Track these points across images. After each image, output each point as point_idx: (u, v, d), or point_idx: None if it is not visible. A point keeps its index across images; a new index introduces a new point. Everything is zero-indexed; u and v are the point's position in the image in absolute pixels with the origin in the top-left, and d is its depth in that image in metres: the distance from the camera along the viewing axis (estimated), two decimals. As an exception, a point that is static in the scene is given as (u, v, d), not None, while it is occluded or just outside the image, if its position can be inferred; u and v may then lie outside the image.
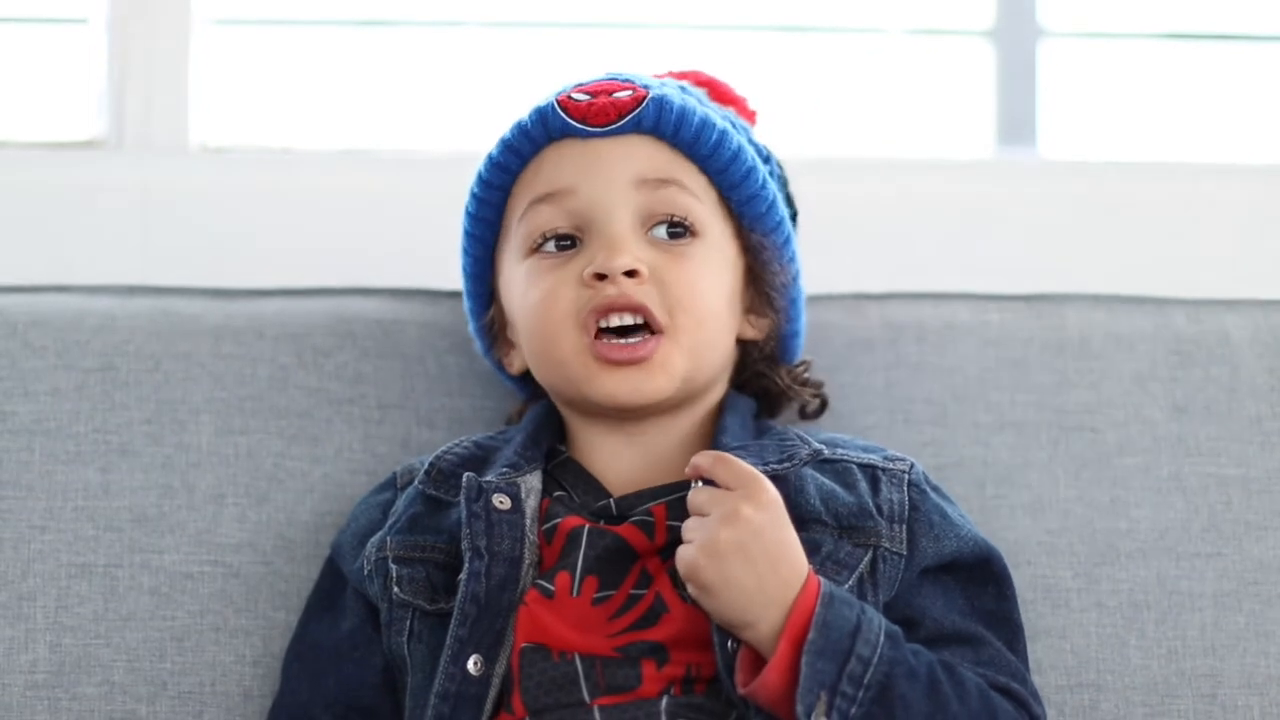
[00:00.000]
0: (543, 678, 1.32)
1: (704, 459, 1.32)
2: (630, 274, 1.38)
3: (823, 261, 1.53)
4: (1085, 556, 1.57)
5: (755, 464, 1.35)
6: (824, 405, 1.55)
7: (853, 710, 1.24)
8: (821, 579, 1.29)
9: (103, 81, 1.95)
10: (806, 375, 1.54)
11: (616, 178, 1.40)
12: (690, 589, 1.29)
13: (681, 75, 1.51)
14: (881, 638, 1.27)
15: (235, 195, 1.89)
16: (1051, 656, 1.52)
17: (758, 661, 1.28)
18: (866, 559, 1.36)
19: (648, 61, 1.52)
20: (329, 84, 2.06)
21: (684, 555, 1.28)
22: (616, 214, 1.40)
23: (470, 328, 1.53)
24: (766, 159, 1.49)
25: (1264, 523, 1.58)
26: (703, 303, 1.41)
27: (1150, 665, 1.53)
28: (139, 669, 1.51)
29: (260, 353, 1.61)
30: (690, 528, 1.30)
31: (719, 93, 1.51)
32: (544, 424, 1.47)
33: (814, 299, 1.54)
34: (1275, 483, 1.60)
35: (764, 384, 1.51)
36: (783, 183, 1.50)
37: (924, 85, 2.10)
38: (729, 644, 1.29)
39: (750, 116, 1.52)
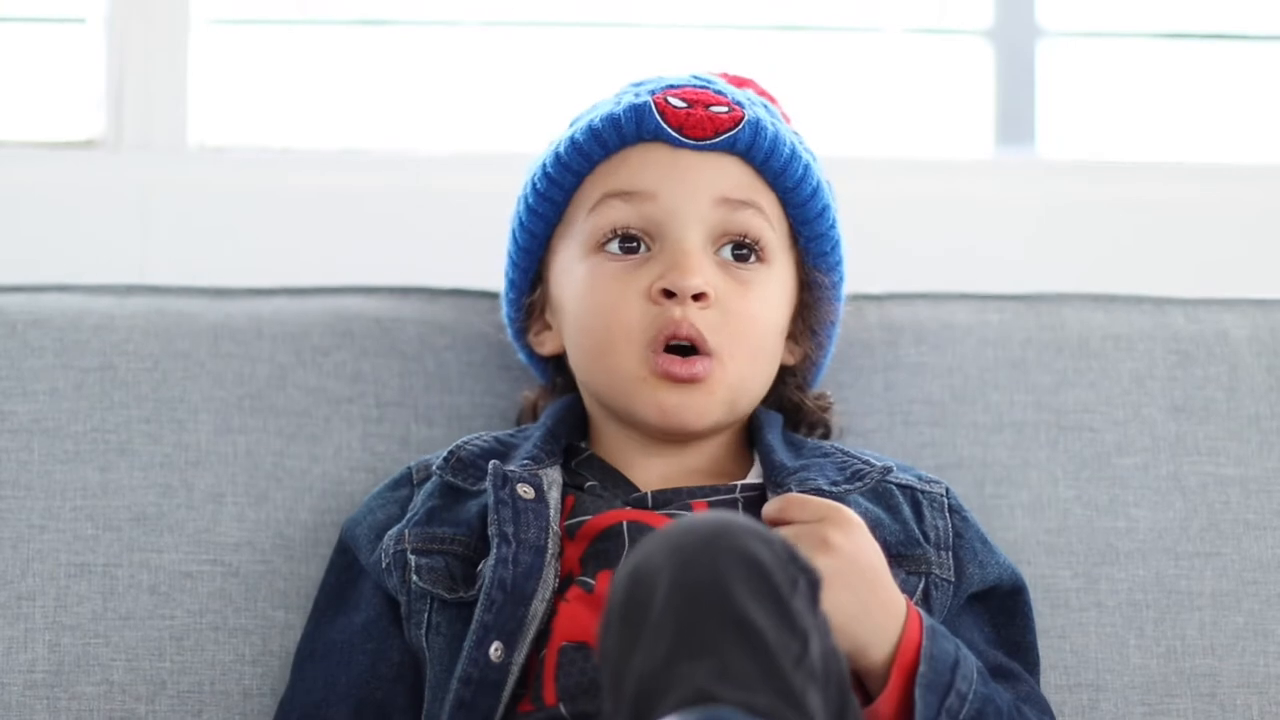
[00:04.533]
0: (582, 678, 1.30)
1: (774, 508, 1.31)
2: (698, 296, 1.37)
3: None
4: (1084, 556, 1.57)
5: (823, 484, 1.36)
6: (827, 435, 1.53)
7: None
8: (918, 608, 1.29)
9: (101, 81, 1.95)
10: (830, 402, 1.53)
11: (700, 193, 1.39)
12: None
13: (736, 82, 1.49)
14: (975, 674, 1.28)
15: (234, 194, 1.89)
16: (1051, 656, 1.52)
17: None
18: (920, 587, 1.36)
19: (645, 59, 1.51)
20: (328, 83, 2.06)
21: None
22: (692, 229, 1.39)
23: (504, 303, 1.51)
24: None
25: (1263, 522, 1.58)
26: (758, 336, 1.40)
27: (1149, 664, 1.54)
28: (138, 668, 1.51)
29: (259, 352, 1.61)
30: None
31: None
32: (563, 420, 1.46)
33: (813, 299, 1.53)
34: (1274, 482, 1.60)
35: (791, 403, 1.50)
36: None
37: (922, 84, 2.10)
38: None
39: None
